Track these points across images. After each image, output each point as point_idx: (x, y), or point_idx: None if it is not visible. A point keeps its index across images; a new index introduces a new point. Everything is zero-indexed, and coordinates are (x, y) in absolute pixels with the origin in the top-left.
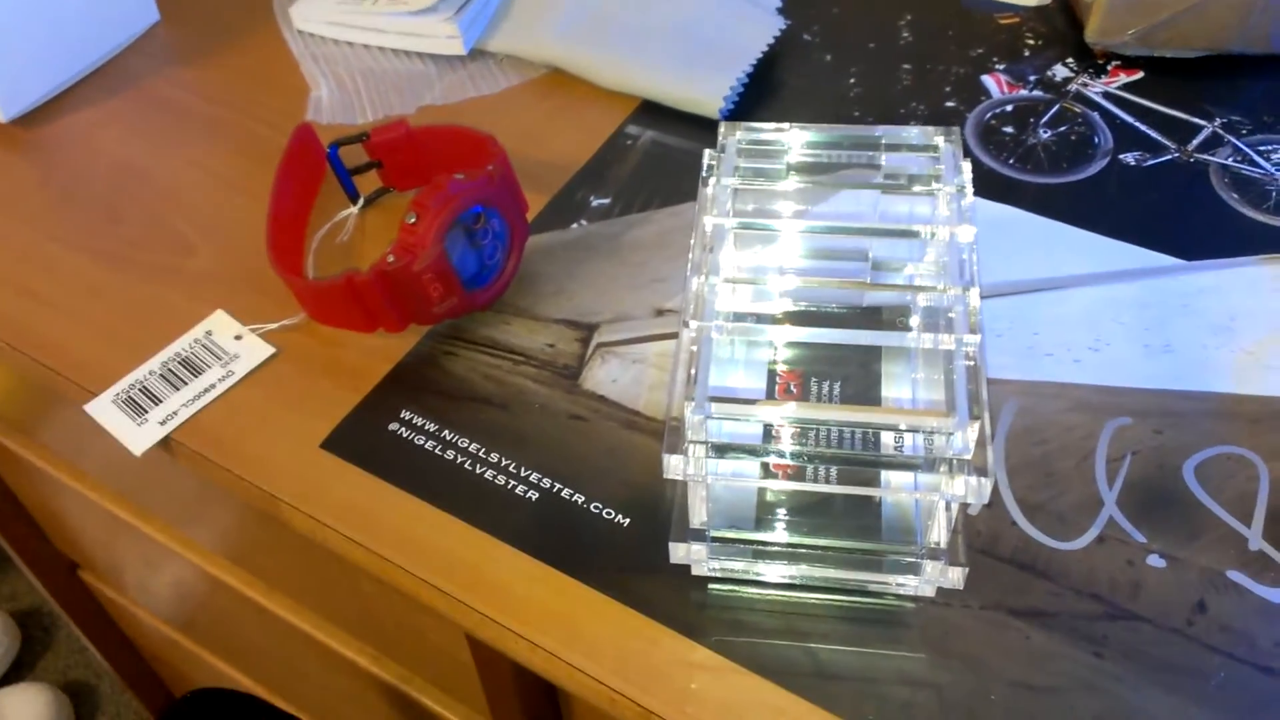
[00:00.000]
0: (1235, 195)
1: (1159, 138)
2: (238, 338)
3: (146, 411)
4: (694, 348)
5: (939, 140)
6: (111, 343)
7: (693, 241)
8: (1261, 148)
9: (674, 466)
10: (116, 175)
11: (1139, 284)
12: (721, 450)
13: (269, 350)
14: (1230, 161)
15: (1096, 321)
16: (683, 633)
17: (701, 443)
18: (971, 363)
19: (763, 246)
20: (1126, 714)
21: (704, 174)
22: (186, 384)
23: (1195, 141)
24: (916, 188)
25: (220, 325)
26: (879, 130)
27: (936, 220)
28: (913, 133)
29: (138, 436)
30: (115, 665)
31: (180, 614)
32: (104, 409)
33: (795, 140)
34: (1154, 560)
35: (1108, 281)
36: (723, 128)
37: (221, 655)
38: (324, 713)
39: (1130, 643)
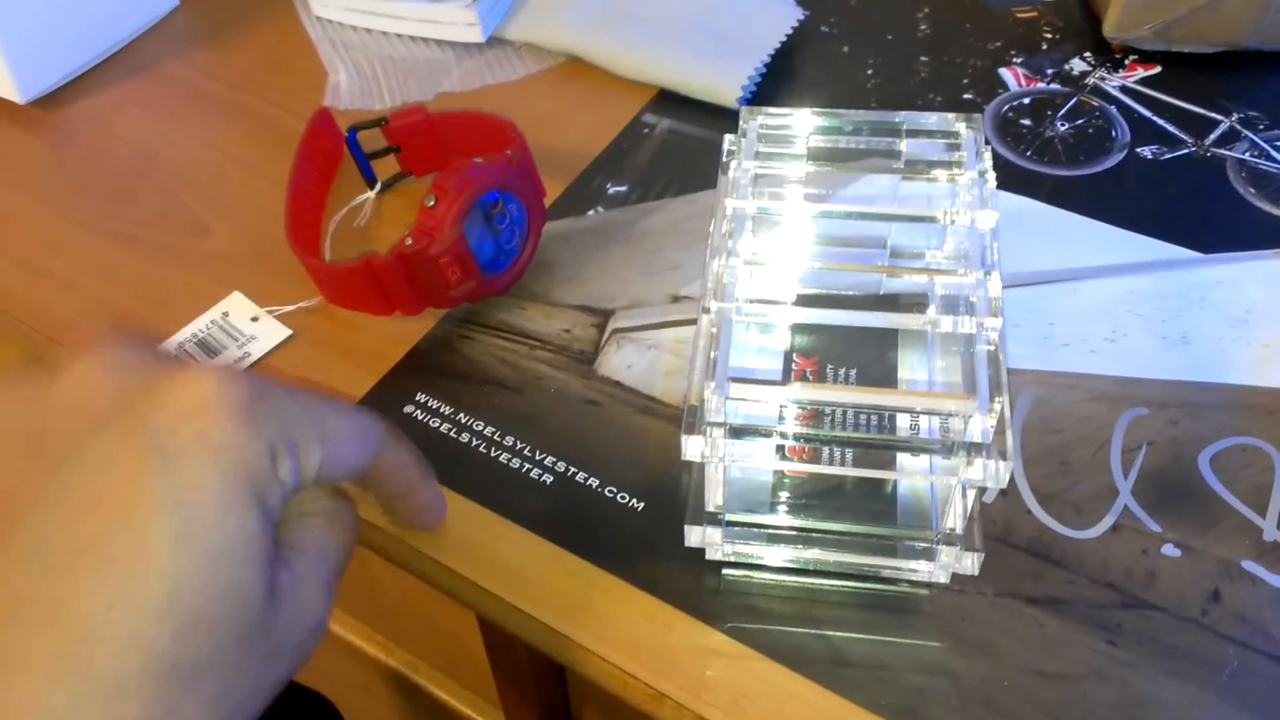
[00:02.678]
0: (1252, 189)
1: (1176, 132)
2: (254, 319)
3: None
4: (714, 330)
5: (960, 126)
6: (128, 323)
7: (713, 226)
8: (1278, 142)
9: (692, 448)
10: (133, 157)
11: (1156, 276)
12: (739, 432)
13: (286, 332)
14: (1247, 156)
15: (1113, 313)
16: (697, 617)
17: (720, 424)
18: (992, 347)
19: (782, 232)
20: (1140, 702)
21: (724, 159)
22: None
23: (1212, 136)
24: (937, 173)
25: (237, 307)
26: (899, 116)
27: (957, 206)
28: (933, 118)
29: None
30: None
31: None
32: None
33: (815, 125)
34: (1169, 550)
35: (1124, 273)
36: (744, 112)
37: None
38: (331, 698)
39: (1144, 631)
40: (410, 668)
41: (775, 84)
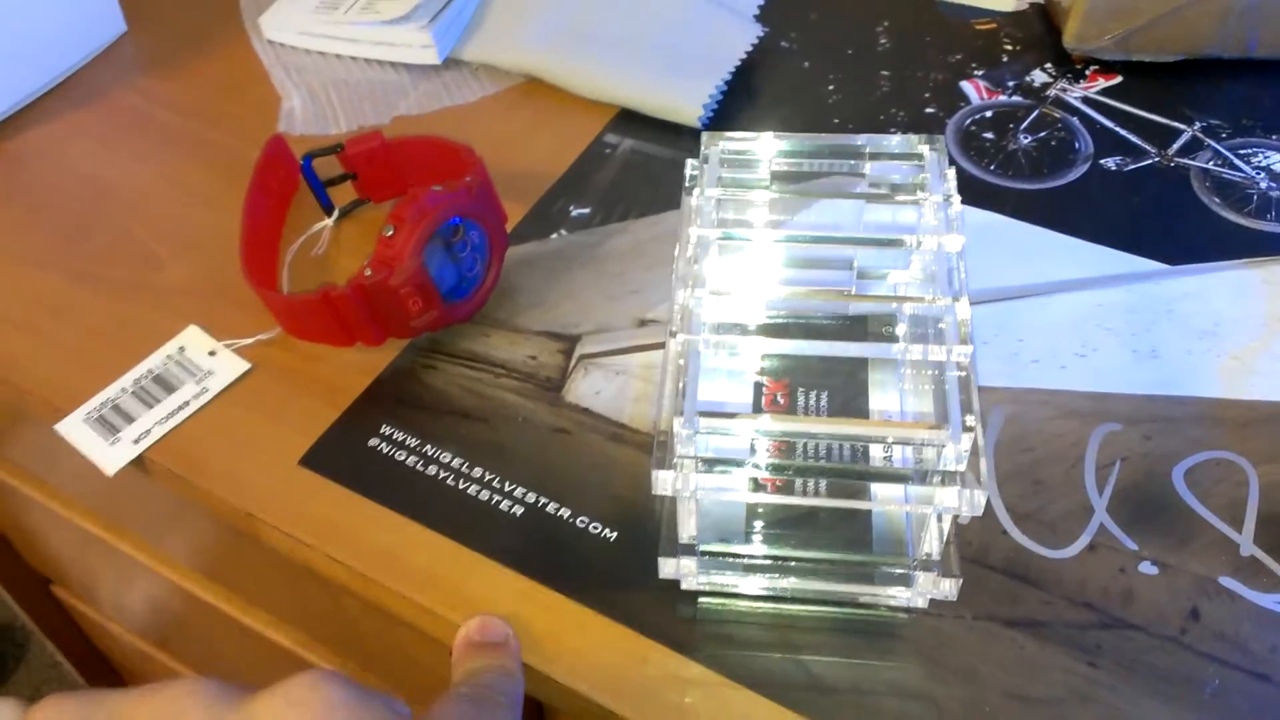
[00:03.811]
0: (1217, 199)
1: (1139, 142)
2: (211, 354)
3: (119, 430)
4: (681, 361)
5: (923, 148)
6: (81, 361)
7: (677, 253)
8: (1241, 151)
9: (663, 482)
10: (84, 190)
11: (1124, 289)
12: (710, 465)
13: (244, 366)
14: (1211, 165)
15: (1082, 327)
16: (673, 648)
17: (691, 458)
18: (963, 373)
19: (748, 257)
20: None
21: (687, 184)
22: (160, 401)
23: (1175, 145)
24: (901, 196)
25: (193, 341)
26: (862, 139)
27: (923, 229)
28: (896, 140)
29: (110, 456)
30: (89, 680)
31: (156, 629)
32: (75, 428)
33: (778, 149)
34: (1146, 568)
35: (1092, 287)
36: (705, 137)
37: (197, 670)
38: None
39: (1124, 651)
40: None
41: (736, 101)
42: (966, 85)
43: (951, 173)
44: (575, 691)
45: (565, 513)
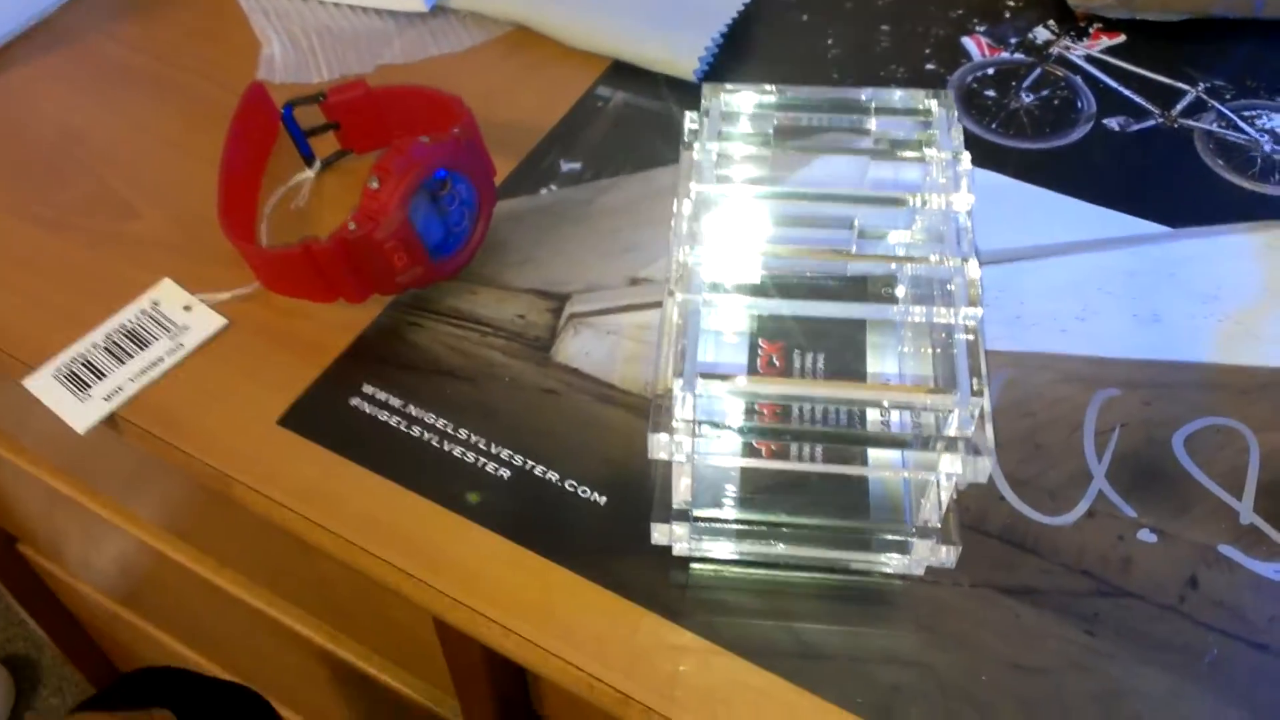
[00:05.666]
0: (1220, 161)
1: (1143, 102)
2: (187, 308)
3: (90, 386)
4: (680, 320)
5: (930, 104)
6: (51, 314)
7: (675, 209)
8: (1245, 113)
9: (660, 445)
10: (56, 137)
11: (1126, 252)
12: (706, 428)
13: (221, 321)
14: (1214, 127)
15: (1083, 291)
16: (664, 615)
17: (689, 421)
18: (971, 337)
19: (746, 215)
20: (1119, 694)
21: (686, 138)
22: (133, 357)
23: (1179, 106)
24: (906, 153)
25: (168, 295)
26: (866, 93)
27: (929, 187)
28: (900, 95)
29: (81, 413)
30: (55, 639)
31: (125, 589)
32: (44, 384)
33: (779, 103)
34: (1145, 535)
35: (1094, 250)
36: (706, 89)
37: (168, 630)
38: (279, 690)
39: (1122, 620)
40: (362, 659)
41: (734, 54)
42: (968, 41)
43: (959, 128)
44: (562, 659)
45: (554, 476)
